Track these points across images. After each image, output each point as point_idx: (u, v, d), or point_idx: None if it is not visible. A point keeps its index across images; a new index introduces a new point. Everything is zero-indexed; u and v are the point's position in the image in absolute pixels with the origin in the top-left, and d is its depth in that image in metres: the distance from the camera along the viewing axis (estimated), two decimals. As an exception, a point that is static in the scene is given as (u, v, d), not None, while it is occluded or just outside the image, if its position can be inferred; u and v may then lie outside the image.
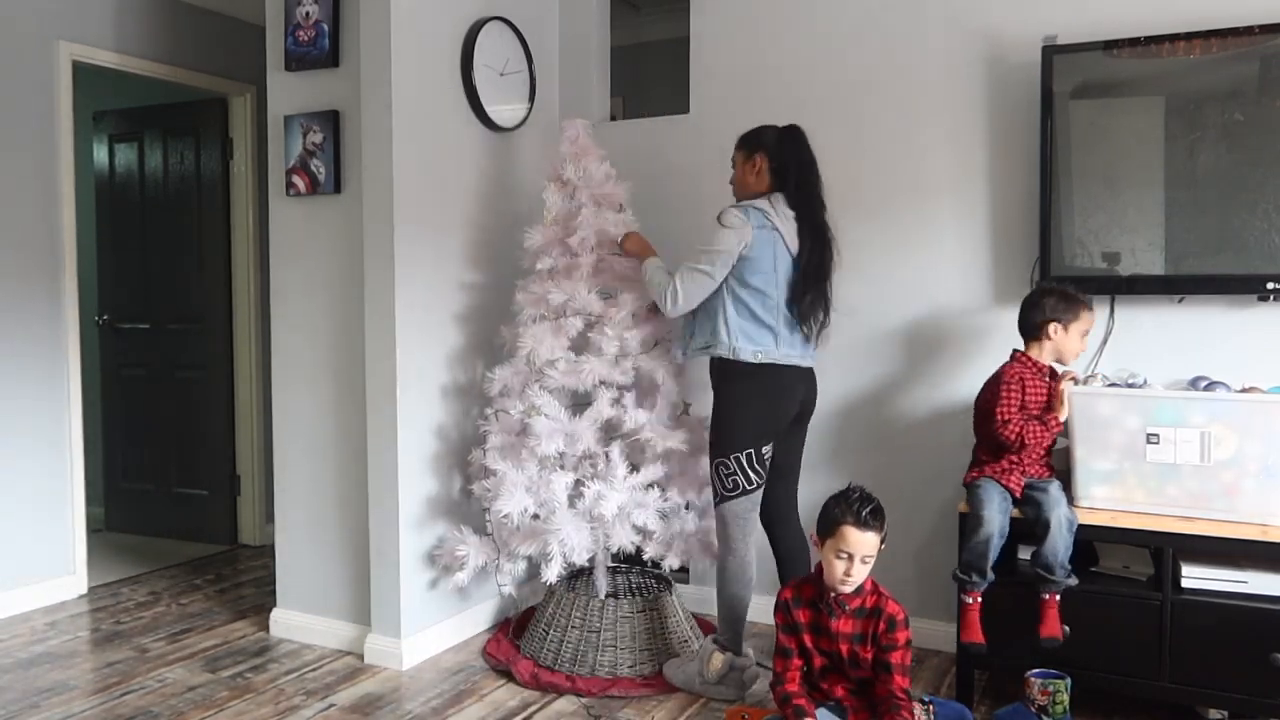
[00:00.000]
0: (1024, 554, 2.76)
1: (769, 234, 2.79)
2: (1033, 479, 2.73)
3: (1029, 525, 2.66)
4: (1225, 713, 2.65)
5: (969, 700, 2.77)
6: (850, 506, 2.33)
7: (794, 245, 2.82)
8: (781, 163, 2.87)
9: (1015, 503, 2.72)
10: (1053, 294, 2.77)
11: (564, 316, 3.11)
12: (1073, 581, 2.61)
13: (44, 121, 3.78)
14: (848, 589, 2.36)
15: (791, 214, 2.83)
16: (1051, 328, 2.75)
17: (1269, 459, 2.55)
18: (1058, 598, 2.62)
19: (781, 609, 2.48)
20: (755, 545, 2.92)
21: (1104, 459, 2.71)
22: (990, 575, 2.66)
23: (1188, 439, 2.62)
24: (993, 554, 2.65)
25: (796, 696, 2.41)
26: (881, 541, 2.36)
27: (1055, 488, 2.67)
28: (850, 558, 2.32)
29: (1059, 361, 2.79)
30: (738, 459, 2.83)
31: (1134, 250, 2.94)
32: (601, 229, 3.10)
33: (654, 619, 3.10)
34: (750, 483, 2.86)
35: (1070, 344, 2.76)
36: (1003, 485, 2.72)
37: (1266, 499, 2.56)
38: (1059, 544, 2.58)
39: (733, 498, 2.86)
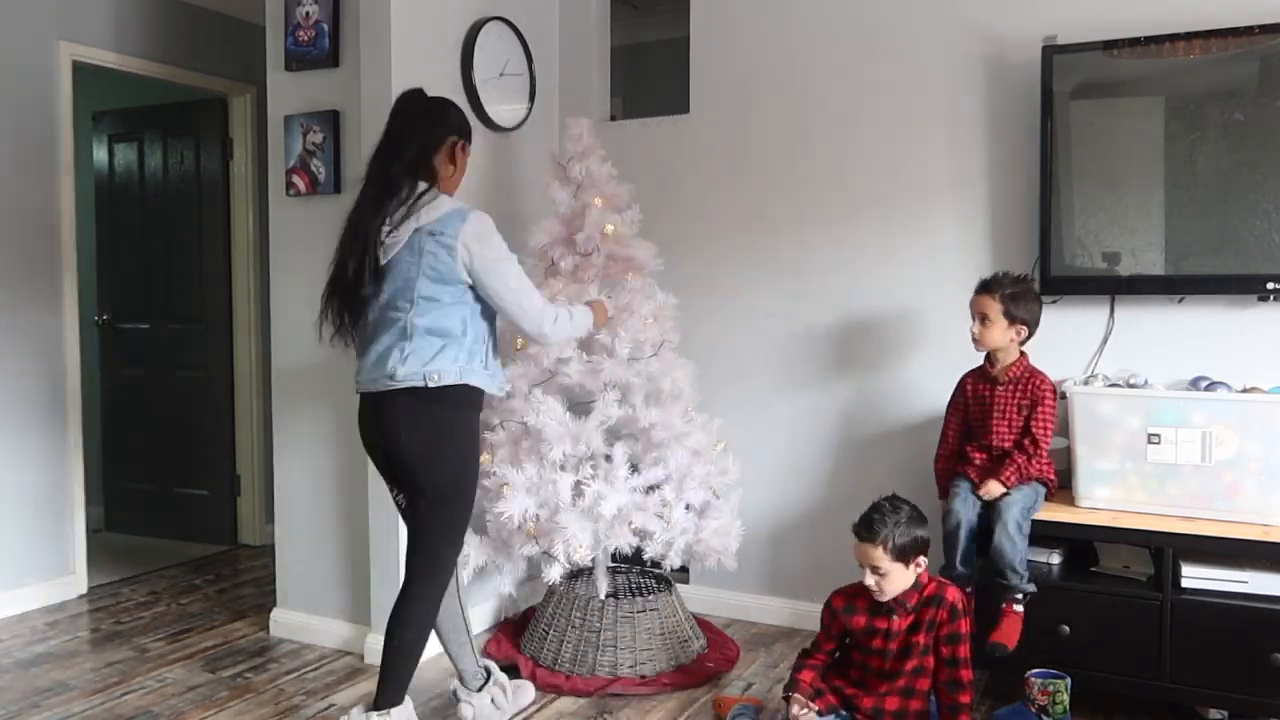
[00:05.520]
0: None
1: None
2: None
3: (989, 526, 2.69)
4: (1225, 713, 2.65)
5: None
6: (860, 518, 2.42)
7: None
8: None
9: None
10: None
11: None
12: (1030, 588, 2.63)
13: (44, 121, 3.78)
14: (883, 598, 2.41)
15: None
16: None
17: (1270, 459, 2.55)
18: (1017, 607, 2.63)
19: (828, 612, 2.54)
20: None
21: (1105, 459, 2.71)
22: (962, 568, 2.70)
23: (1189, 439, 2.62)
24: (961, 545, 2.69)
25: (803, 682, 2.47)
26: (887, 552, 2.36)
27: (1016, 492, 2.69)
28: (866, 569, 2.40)
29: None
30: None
31: (1134, 250, 2.94)
32: (608, 228, 3.10)
33: (654, 619, 3.10)
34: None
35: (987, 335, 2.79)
36: (968, 478, 2.79)
37: (1267, 499, 2.57)
38: (1004, 547, 2.61)
39: None
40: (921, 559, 2.41)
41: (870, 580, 2.39)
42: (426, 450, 2.39)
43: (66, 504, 3.88)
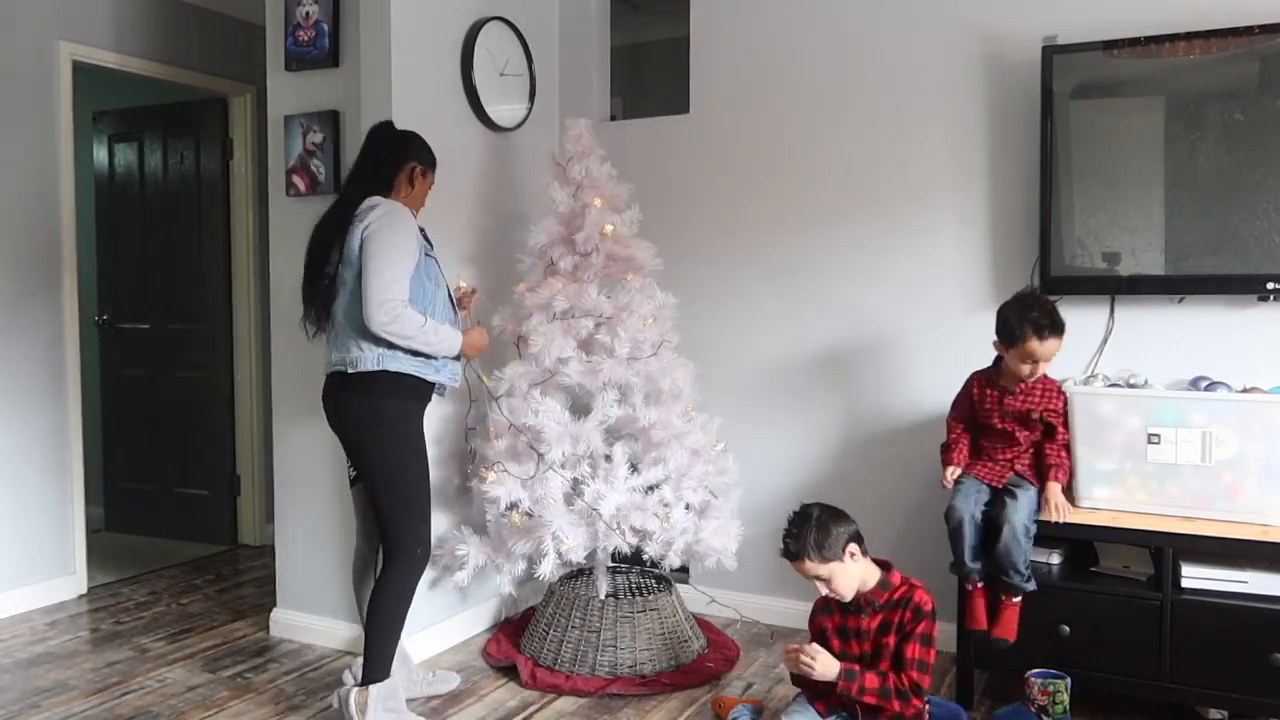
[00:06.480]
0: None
1: None
2: (1012, 479, 2.75)
3: (996, 526, 2.68)
4: (1225, 713, 2.65)
5: (969, 700, 2.77)
6: (786, 535, 2.38)
7: None
8: None
9: (993, 495, 2.74)
10: (1003, 311, 2.73)
11: (572, 317, 3.11)
12: (1030, 587, 2.64)
13: (44, 121, 3.78)
14: (847, 598, 2.39)
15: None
16: (998, 345, 2.76)
17: (1270, 459, 2.55)
18: (1015, 601, 2.66)
19: (811, 617, 2.56)
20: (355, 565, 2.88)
21: (1105, 459, 2.71)
22: (970, 564, 2.70)
23: (1189, 439, 2.62)
24: (967, 541, 2.69)
25: None
26: (815, 559, 2.33)
27: (1024, 495, 2.68)
28: (814, 583, 2.40)
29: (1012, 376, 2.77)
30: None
31: (1134, 250, 2.94)
32: (608, 228, 3.10)
33: (654, 619, 3.10)
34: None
35: (1012, 364, 2.72)
36: (973, 477, 2.79)
37: (1267, 499, 2.57)
38: (1010, 548, 2.62)
39: None
40: (853, 546, 2.36)
41: (823, 589, 2.39)
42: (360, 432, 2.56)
43: (66, 504, 3.88)
